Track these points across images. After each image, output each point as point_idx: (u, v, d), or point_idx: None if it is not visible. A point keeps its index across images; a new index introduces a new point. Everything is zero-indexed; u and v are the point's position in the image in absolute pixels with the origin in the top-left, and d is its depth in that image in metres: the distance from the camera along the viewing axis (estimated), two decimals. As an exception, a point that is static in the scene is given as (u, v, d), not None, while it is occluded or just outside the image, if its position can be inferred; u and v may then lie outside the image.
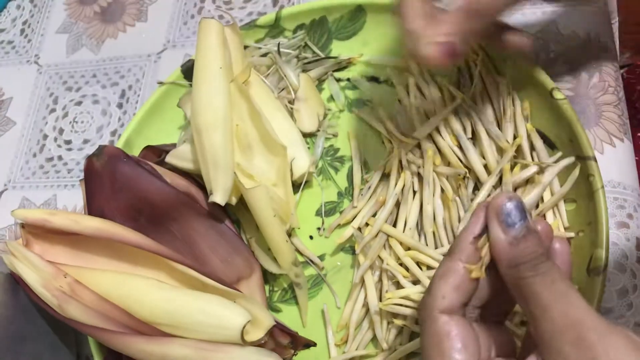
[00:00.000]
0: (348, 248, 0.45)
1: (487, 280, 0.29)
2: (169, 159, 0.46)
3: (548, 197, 0.39)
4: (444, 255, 0.29)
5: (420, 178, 0.42)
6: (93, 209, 0.43)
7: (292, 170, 0.46)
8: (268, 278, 0.46)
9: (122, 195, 0.43)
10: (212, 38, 0.44)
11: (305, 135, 0.49)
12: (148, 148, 0.49)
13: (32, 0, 0.69)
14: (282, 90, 0.50)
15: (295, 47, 0.50)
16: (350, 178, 0.47)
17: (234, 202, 0.44)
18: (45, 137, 0.60)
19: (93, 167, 0.43)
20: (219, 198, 0.42)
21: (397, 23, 0.34)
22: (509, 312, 0.32)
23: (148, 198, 0.43)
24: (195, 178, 0.47)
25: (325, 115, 0.49)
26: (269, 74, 0.50)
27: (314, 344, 0.42)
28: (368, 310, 0.41)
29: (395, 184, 0.43)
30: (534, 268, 0.26)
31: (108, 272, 0.40)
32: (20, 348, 0.43)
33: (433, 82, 0.45)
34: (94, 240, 0.41)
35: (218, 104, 0.43)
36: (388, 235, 0.42)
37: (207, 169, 0.43)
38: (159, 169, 0.44)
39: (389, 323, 0.40)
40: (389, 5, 0.47)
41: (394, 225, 0.42)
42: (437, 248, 0.41)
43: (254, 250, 0.45)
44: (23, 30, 0.67)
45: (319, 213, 0.47)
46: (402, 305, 0.39)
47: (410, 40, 0.33)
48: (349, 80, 0.50)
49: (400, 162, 0.43)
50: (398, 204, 0.43)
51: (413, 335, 0.40)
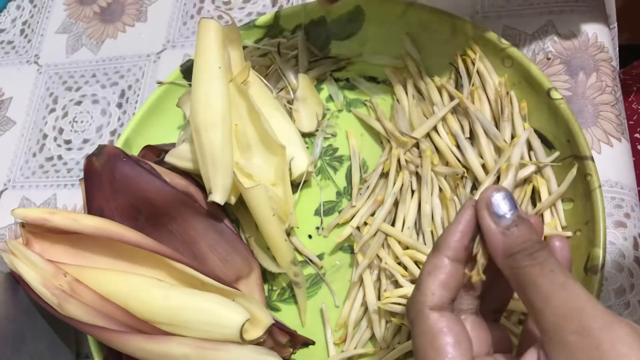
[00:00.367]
0: (347, 247, 0.45)
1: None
2: (168, 159, 0.46)
3: (546, 196, 0.39)
4: (430, 251, 0.29)
5: (419, 177, 0.43)
6: (93, 208, 0.44)
7: (291, 170, 0.46)
8: (267, 277, 0.46)
9: (121, 195, 0.43)
10: (211, 38, 0.44)
11: (304, 135, 0.49)
12: (147, 148, 0.49)
13: (32, 1, 0.69)
14: (281, 90, 0.50)
15: (294, 47, 0.51)
16: (349, 177, 0.47)
17: (233, 201, 0.44)
18: (45, 136, 0.60)
19: (93, 166, 0.43)
20: (218, 197, 0.42)
21: None
22: (504, 309, 0.32)
23: (147, 197, 0.43)
24: (195, 177, 0.47)
25: (324, 115, 0.50)
26: (268, 74, 0.50)
27: (313, 343, 0.42)
28: (367, 309, 0.41)
29: (394, 184, 0.43)
30: (531, 256, 0.25)
31: (108, 271, 0.40)
32: (20, 347, 0.43)
33: (431, 82, 0.45)
34: (94, 240, 0.41)
35: (217, 104, 0.43)
36: (386, 235, 0.42)
37: (206, 169, 0.43)
38: (159, 169, 0.45)
39: (388, 322, 0.40)
40: (388, 6, 0.48)
41: (393, 225, 0.42)
42: (435, 247, 0.41)
43: (253, 250, 0.45)
44: (23, 31, 0.67)
45: (318, 212, 0.47)
46: (400, 304, 0.39)
47: None
48: (348, 80, 0.50)
49: (399, 161, 0.43)
50: (396, 203, 0.43)
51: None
